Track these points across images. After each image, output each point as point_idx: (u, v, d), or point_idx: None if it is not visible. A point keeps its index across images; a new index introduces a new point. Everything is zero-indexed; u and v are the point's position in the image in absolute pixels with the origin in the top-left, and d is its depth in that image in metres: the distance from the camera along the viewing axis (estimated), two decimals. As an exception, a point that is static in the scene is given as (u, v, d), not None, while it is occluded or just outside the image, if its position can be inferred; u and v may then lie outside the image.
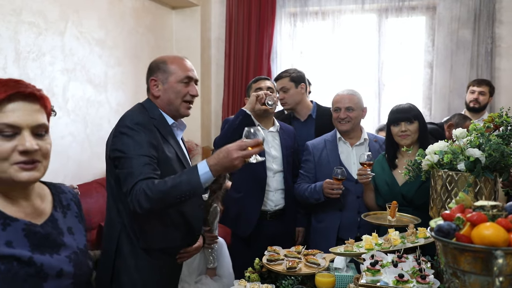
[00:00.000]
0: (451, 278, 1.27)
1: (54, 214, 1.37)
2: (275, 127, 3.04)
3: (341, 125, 2.86)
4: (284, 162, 3.01)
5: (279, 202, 3.01)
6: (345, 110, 2.83)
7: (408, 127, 2.54)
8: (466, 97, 4.16)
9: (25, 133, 1.21)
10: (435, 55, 4.80)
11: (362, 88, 4.91)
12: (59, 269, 1.27)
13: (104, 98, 4.06)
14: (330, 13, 5.05)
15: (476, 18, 4.60)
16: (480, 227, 1.17)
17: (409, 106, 2.61)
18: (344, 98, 2.86)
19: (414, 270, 1.76)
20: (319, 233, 2.90)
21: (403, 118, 2.55)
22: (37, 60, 3.32)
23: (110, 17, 4.12)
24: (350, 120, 2.83)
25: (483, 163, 1.87)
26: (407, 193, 2.53)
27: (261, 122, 2.95)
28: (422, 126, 2.57)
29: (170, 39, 5.16)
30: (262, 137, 1.87)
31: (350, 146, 2.89)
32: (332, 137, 2.94)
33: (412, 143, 2.54)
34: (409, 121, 2.54)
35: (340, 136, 2.90)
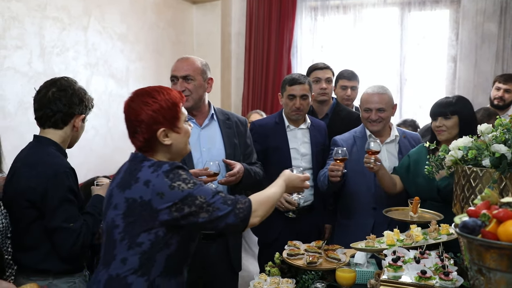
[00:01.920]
0: (476, 275, 1.25)
1: None
2: (306, 124, 3.04)
3: (372, 125, 2.76)
4: (314, 160, 3.00)
5: (308, 198, 2.98)
6: (377, 111, 2.72)
7: (444, 122, 2.46)
8: (491, 93, 4.04)
9: None
10: (459, 49, 4.70)
11: (384, 83, 4.83)
12: None
13: (125, 92, 4.11)
14: (352, 6, 4.99)
15: (502, 11, 4.48)
16: (507, 224, 1.15)
17: (450, 100, 2.51)
18: (374, 98, 2.74)
19: (437, 267, 1.74)
20: (347, 230, 2.78)
21: (440, 112, 2.49)
22: (61, 54, 3.38)
23: (132, 12, 4.15)
24: (381, 121, 2.74)
25: (509, 159, 1.83)
26: (444, 188, 2.43)
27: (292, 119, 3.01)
28: (465, 122, 2.44)
29: (191, 33, 5.18)
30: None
31: (380, 143, 2.75)
32: (361, 133, 2.85)
33: (449, 139, 2.40)
34: (445, 116, 2.47)
35: (370, 133, 2.81)
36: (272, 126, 3.02)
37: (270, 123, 3.05)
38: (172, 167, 1.60)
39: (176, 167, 1.61)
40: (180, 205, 1.56)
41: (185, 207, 1.56)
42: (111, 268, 1.62)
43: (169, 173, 1.58)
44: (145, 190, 1.57)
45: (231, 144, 2.50)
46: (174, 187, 1.56)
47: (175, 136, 1.68)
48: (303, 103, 2.93)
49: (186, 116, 1.74)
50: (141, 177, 1.60)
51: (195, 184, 1.59)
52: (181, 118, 1.70)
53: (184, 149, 1.75)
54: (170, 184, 1.56)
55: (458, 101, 2.50)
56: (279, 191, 1.82)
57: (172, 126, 1.66)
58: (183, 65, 2.47)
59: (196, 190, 1.58)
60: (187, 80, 2.43)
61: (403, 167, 2.66)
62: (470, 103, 2.56)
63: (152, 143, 1.66)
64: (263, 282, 2.06)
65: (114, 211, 1.63)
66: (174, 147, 1.69)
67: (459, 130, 2.45)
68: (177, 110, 1.67)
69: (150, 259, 1.60)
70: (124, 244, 1.61)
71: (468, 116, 2.48)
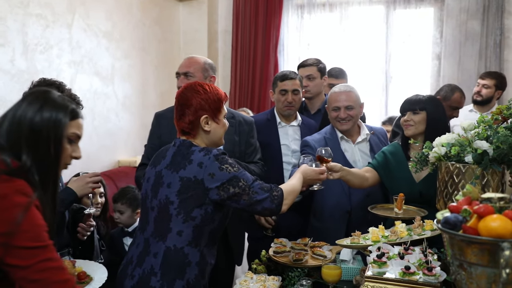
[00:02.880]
0: (458, 270, 1.27)
1: None
2: (297, 121, 3.09)
3: (342, 124, 2.73)
4: None
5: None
6: (345, 109, 2.70)
7: (412, 117, 2.49)
8: (474, 89, 4.10)
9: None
10: (443, 47, 4.75)
11: (369, 80, 4.91)
12: None
13: (111, 91, 4.08)
14: (338, 4, 5.01)
15: (485, 9, 4.54)
16: (487, 219, 1.17)
17: (419, 97, 2.54)
18: (341, 97, 2.71)
19: (420, 262, 1.76)
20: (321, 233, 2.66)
21: (409, 108, 2.52)
22: (45, 52, 3.34)
23: (117, 10, 4.12)
24: (350, 119, 2.71)
25: (491, 155, 1.86)
26: (426, 192, 2.42)
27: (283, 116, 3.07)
28: (432, 118, 2.47)
29: (177, 31, 5.15)
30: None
31: (352, 143, 2.79)
32: (331, 135, 2.80)
33: (415, 134, 2.46)
34: (413, 111, 2.49)
35: (342, 135, 2.78)
36: (263, 122, 3.05)
37: (261, 120, 3.07)
38: (220, 152, 1.87)
39: (222, 152, 1.88)
40: (227, 185, 1.82)
41: (230, 187, 1.82)
42: (168, 240, 1.84)
43: (218, 156, 1.84)
44: (198, 170, 1.82)
45: (230, 140, 2.57)
46: (223, 169, 1.82)
47: (214, 125, 1.95)
48: (295, 98, 2.99)
49: (226, 113, 2.02)
50: (194, 159, 1.84)
51: (239, 169, 1.86)
52: (222, 113, 1.97)
53: (219, 140, 2.00)
54: (220, 166, 1.82)
55: (429, 100, 2.53)
56: (299, 182, 2.07)
57: (213, 116, 1.93)
58: (186, 62, 2.66)
59: (240, 174, 1.85)
60: (187, 76, 2.60)
61: (381, 165, 2.59)
62: (441, 104, 2.59)
63: (195, 126, 1.92)
64: (249, 280, 2.06)
65: (167, 189, 1.85)
66: (211, 135, 1.95)
67: (426, 127, 2.47)
68: (221, 105, 1.96)
69: (200, 232, 1.86)
70: (180, 218, 1.83)
71: (436, 114, 2.48)
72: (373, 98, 4.80)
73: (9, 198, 1.31)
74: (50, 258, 1.35)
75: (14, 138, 1.41)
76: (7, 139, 1.41)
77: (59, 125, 1.45)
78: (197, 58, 2.67)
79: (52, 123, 1.44)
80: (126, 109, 4.29)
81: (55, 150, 1.45)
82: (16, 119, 1.42)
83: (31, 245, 1.31)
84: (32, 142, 1.41)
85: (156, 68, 4.72)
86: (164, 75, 4.79)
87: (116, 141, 4.17)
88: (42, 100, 1.46)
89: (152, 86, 4.63)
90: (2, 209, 1.30)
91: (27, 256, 1.31)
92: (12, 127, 1.42)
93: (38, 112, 1.43)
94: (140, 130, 4.39)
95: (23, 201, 1.33)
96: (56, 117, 1.45)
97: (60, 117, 1.46)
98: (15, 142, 1.40)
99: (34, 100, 1.45)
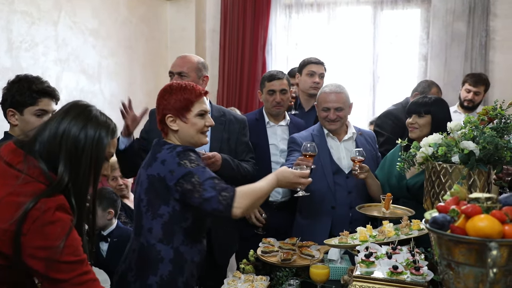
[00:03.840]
0: (446, 269, 1.28)
1: None
2: (285, 121, 3.11)
3: (330, 125, 2.75)
4: None
5: (286, 194, 3.03)
6: (335, 110, 2.71)
7: (417, 120, 2.51)
8: (461, 92, 4.09)
9: (208, 115, 2.00)
10: (429, 47, 4.78)
11: (357, 80, 4.93)
12: None
13: (97, 89, 4.04)
14: (326, 4, 5.03)
15: (471, 11, 4.59)
16: (475, 219, 1.18)
17: (425, 100, 2.55)
18: (331, 98, 2.72)
19: (408, 262, 1.77)
20: (306, 230, 2.71)
21: (414, 110, 2.54)
22: (30, 50, 3.29)
23: (104, 7, 4.08)
24: (339, 120, 2.73)
25: (477, 155, 1.88)
26: (413, 186, 2.49)
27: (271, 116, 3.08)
28: (436, 122, 2.47)
29: (165, 30, 5.12)
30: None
31: (338, 141, 2.80)
32: (319, 132, 2.82)
33: (419, 137, 2.43)
34: (419, 114, 2.51)
35: (328, 132, 2.79)
36: (252, 122, 3.04)
37: (250, 120, 3.06)
38: (185, 149, 1.89)
39: (189, 149, 1.90)
40: (182, 181, 1.80)
41: (184, 184, 1.80)
42: (141, 237, 1.92)
43: (181, 153, 1.86)
44: (161, 168, 1.86)
45: (218, 138, 2.60)
46: (181, 164, 1.82)
47: (182, 124, 1.95)
48: (283, 97, 3.01)
49: (204, 112, 1.99)
50: (159, 157, 1.88)
51: (199, 165, 1.84)
52: (192, 112, 1.95)
53: (192, 138, 1.98)
54: (179, 162, 1.83)
55: (435, 102, 2.54)
56: (267, 185, 1.92)
57: (179, 115, 1.94)
58: (179, 62, 2.65)
59: (196, 170, 1.81)
60: (181, 76, 2.60)
61: (380, 169, 2.70)
62: (447, 107, 2.60)
63: (165, 126, 1.98)
64: (237, 280, 2.06)
65: (139, 187, 1.94)
66: (181, 134, 1.96)
67: (430, 130, 2.48)
68: (188, 104, 1.94)
69: (170, 229, 1.87)
70: (149, 215, 1.89)
71: (442, 118, 2.47)
72: (360, 98, 4.81)
73: (52, 212, 1.33)
74: (87, 271, 1.39)
75: (54, 150, 1.41)
76: (47, 149, 1.42)
77: (101, 144, 1.48)
78: (191, 57, 2.67)
79: (96, 142, 1.46)
80: (113, 107, 4.24)
81: (96, 168, 1.48)
82: (60, 131, 1.43)
83: (71, 260, 1.35)
84: (74, 159, 1.42)
85: (144, 66, 4.69)
86: (151, 73, 4.76)
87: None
88: (86, 116, 1.48)
89: (139, 85, 4.59)
90: (46, 223, 1.32)
91: (68, 270, 1.35)
92: (55, 140, 1.42)
93: (83, 129, 1.44)
94: (127, 129, 4.34)
95: (66, 218, 1.36)
96: (100, 136, 1.47)
97: (103, 136, 1.48)
98: (54, 155, 1.41)
99: (78, 115, 1.46)
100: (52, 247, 1.31)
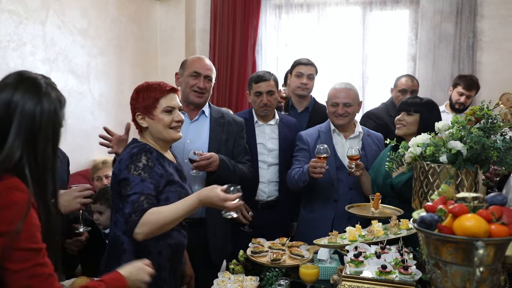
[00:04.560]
0: (433, 268, 1.29)
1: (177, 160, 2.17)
2: (275, 120, 3.12)
3: (338, 119, 2.84)
4: (281, 155, 3.06)
5: (272, 193, 3.06)
6: (343, 105, 2.82)
7: (406, 117, 2.56)
8: (452, 94, 4.09)
9: (177, 110, 2.04)
10: (418, 48, 4.82)
11: (346, 80, 4.91)
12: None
13: (86, 89, 4.01)
14: (315, 5, 5.04)
15: (459, 12, 4.64)
16: (462, 218, 1.19)
17: (416, 100, 2.60)
18: (341, 93, 2.84)
19: (396, 261, 1.78)
20: (310, 224, 2.87)
21: (404, 108, 2.58)
22: (18, 49, 3.26)
23: (93, 7, 4.05)
24: (347, 115, 2.84)
25: (465, 155, 1.90)
26: (396, 185, 2.55)
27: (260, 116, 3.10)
28: (424, 122, 2.51)
29: (155, 29, 5.10)
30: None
31: (344, 138, 2.90)
32: (326, 128, 2.93)
33: (406, 134, 2.54)
34: (408, 112, 2.56)
35: (334, 128, 2.90)
36: None
37: None
38: (140, 150, 1.94)
39: (144, 151, 1.94)
40: (120, 184, 1.90)
41: (120, 188, 1.90)
42: (111, 229, 2.04)
43: (134, 155, 1.91)
44: (118, 166, 1.95)
45: (217, 139, 2.65)
46: (127, 167, 1.89)
47: (150, 121, 2.02)
48: (270, 98, 3.02)
49: (171, 108, 2.02)
50: (121, 155, 1.98)
51: (140, 175, 1.87)
52: (158, 109, 2.00)
53: (161, 134, 2.02)
54: (127, 165, 1.90)
55: (426, 104, 2.59)
56: (183, 208, 1.86)
57: (146, 112, 2.00)
58: (206, 65, 2.72)
59: (133, 179, 1.86)
60: (208, 79, 2.70)
61: (372, 168, 2.78)
62: (437, 110, 2.62)
63: (136, 123, 2.07)
64: (227, 280, 2.05)
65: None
66: (151, 130, 2.03)
67: (417, 129, 2.52)
68: (153, 101, 2.00)
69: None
70: (114, 208, 2.01)
71: (431, 120, 2.46)
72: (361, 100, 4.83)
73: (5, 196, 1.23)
74: (43, 263, 1.27)
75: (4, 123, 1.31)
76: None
77: (58, 117, 1.41)
78: (210, 62, 2.78)
79: (52, 116, 1.39)
80: (102, 108, 4.22)
81: (53, 141, 1.40)
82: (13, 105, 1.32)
83: (27, 247, 1.23)
84: (29, 135, 1.33)
85: (133, 66, 4.66)
86: (141, 73, 4.73)
87: (91, 141, 4.08)
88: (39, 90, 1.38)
89: (128, 85, 4.56)
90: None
91: (22, 258, 1.23)
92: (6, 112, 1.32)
93: (38, 104, 1.35)
94: (116, 129, 4.26)
95: (21, 199, 1.25)
96: (55, 109, 1.40)
97: (58, 108, 1.41)
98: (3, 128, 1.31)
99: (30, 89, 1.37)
100: (7, 233, 1.21)
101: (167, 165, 2.01)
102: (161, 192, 1.94)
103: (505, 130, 2.03)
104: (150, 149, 1.98)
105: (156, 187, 1.90)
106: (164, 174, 1.96)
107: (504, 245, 1.23)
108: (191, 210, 1.88)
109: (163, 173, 1.95)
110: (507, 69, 4.58)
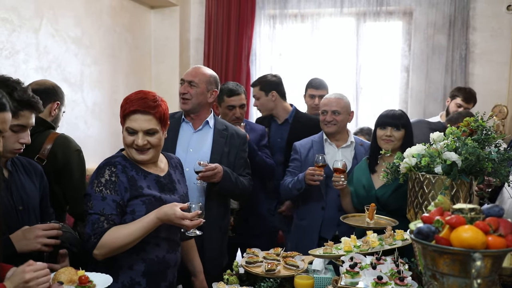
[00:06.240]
0: (430, 280, 1.28)
1: (170, 171, 2.09)
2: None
3: (327, 127, 2.94)
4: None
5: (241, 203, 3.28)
6: (332, 113, 2.91)
7: (394, 133, 2.59)
8: (450, 105, 4.08)
9: (140, 134, 1.90)
10: (411, 59, 4.87)
11: (340, 91, 4.93)
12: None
13: (80, 98, 3.99)
14: (309, 16, 5.07)
15: (451, 24, 4.69)
16: (459, 230, 1.19)
17: (400, 113, 2.66)
18: (331, 102, 2.94)
19: (392, 272, 1.78)
20: (300, 230, 2.96)
21: (391, 123, 2.60)
22: (10, 57, 3.24)
23: (87, 15, 4.04)
24: (335, 123, 2.92)
25: (460, 166, 1.90)
26: (381, 196, 2.57)
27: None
28: (408, 136, 2.61)
29: (149, 39, 5.09)
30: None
31: (336, 147, 2.97)
32: (319, 138, 3.03)
33: (393, 149, 2.53)
34: (396, 128, 2.59)
35: (327, 137, 2.99)
36: None
37: None
38: (106, 164, 1.93)
39: (109, 165, 1.92)
40: (85, 199, 1.90)
41: (84, 204, 1.91)
42: None
43: (100, 169, 1.92)
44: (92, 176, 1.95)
45: (219, 151, 2.66)
46: (92, 182, 1.90)
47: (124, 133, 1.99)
48: (242, 111, 3.19)
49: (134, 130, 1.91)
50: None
51: (102, 192, 1.86)
52: (124, 126, 1.95)
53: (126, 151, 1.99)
54: (93, 180, 1.91)
55: (405, 116, 2.68)
56: (143, 226, 1.86)
57: (122, 125, 1.97)
58: (193, 71, 2.73)
59: (95, 196, 1.86)
60: (191, 85, 2.67)
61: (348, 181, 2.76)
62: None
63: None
64: (221, 291, 2.03)
65: None
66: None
67: (402, 143, 2.59)
68: (122, 118, 1.96)
69: None
70: None
71: (410, 131, 2.65)
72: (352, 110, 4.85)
73: None
74: None
75: None
76: None
77: None
78: (204, 69, 2.76)
79: None
80: (95, 116, 4.20)
81: None
82: None
83: None
84: None
85: (127, 75, 4.65)
86: (134, 82, 4.72)
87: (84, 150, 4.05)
88: None
89: (122, 94, 4.54)
90: None
91: None
92: None
93: None
94: (110, 138, 4.30)
95: None
96: None
97: None
98: None
99: None
100: None
101: (140, 177, 1.94)
102: (127, 205, 1.91)
103: (499, 142, 2.04)
104: (115, 163, 1.92)
105: (120, 200, 1.88)
106: (129, 188, 1.90)
107: (501, 256, 1.23)
108: (150, 229, 1.87)
109: (128, 187, 1.90)
110: (499, 81, 4.64)
